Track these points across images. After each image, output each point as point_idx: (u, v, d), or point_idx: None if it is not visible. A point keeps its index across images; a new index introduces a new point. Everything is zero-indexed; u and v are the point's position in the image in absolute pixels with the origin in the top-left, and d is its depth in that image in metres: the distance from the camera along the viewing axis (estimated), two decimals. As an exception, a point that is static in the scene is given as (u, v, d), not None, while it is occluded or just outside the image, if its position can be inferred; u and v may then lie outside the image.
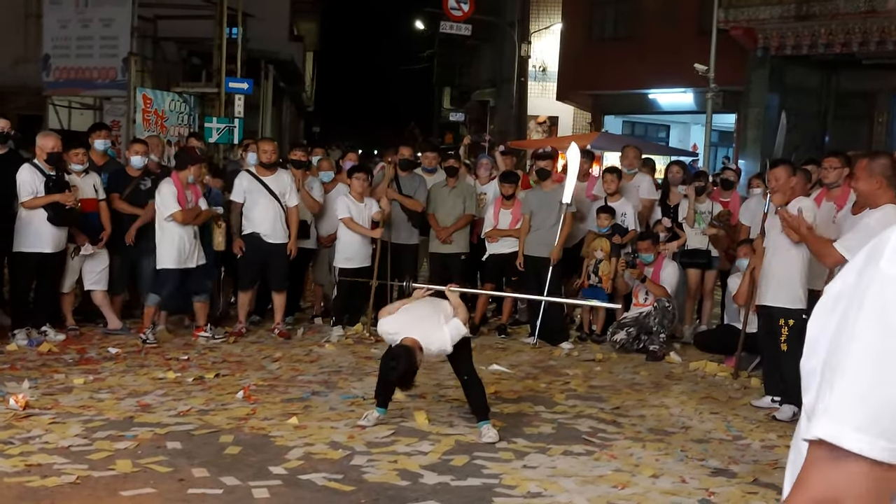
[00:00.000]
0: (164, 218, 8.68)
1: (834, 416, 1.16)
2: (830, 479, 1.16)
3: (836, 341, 1.21)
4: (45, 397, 6.59)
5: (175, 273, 8.73)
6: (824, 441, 1.16)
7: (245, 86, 20.86)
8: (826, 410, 1.17)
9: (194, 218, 8.82)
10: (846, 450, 1.13)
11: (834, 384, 1.17)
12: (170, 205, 8.64)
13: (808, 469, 1.20)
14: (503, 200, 9.97)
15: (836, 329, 1.22)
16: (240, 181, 9.46)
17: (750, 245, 8.53)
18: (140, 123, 19.26)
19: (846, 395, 1.16)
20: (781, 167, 7.13)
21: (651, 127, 28.62)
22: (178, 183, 8.73)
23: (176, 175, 8.81)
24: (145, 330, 8.75)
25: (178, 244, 8.69)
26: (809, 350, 1.31)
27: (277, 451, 5.61)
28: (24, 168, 8.42)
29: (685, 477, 5.44)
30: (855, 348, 1.16)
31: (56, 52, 21.40)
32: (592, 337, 9.92)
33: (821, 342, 1.26)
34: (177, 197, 8.67)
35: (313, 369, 8.03)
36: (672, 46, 21.53)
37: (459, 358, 6.22)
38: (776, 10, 17.84)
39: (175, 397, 6.80)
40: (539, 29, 31.63)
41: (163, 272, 8.76)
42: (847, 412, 1.15)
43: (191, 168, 8.83)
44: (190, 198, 8.81)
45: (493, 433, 6.04)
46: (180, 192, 8.70)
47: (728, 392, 7.86)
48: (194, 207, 8.84)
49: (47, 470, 5.05)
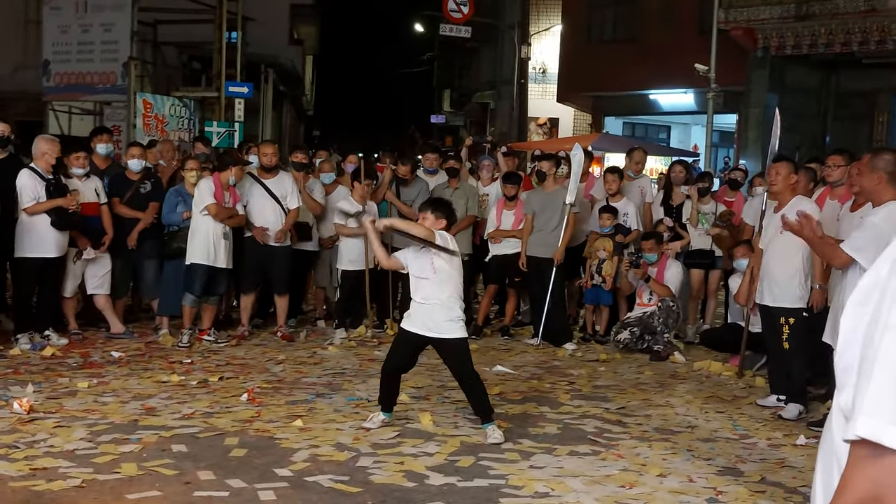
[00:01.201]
0: (199, 211, 8.75)
1: (871, 413, 1.15)
2: (872, 476, 1.15)
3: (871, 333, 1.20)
4: (49, 401, 6.58)
5: (204, 269, 8.78)
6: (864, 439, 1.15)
7: (245, 90, 20.88)
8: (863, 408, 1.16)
9: (228, 217, 8.87)
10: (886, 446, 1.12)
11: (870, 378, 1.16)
12: (206, 199, 8.73)
13: (850, 469, 1.19)
14: (506, 201, 9.96)
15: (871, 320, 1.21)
16: (241, 184, 9.46)
17: (747, 245, 8.52)
18: (140, 128, 19.26)
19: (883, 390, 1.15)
20: (783, 163, 7.12)
21: (652, 128, 28.63)
22: (217, 181, 8.83)
23: (217, 175, 8.88)
24: (184, 330, 8.84)
25: (209, 240, 8.77)
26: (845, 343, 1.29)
27: (283, 453, 5.60)
28: (23, 173, 8.40)
29: (692, 476, 5.42)
30: (888, 339, 1.15)
31: (56, 57, 21.40)
32: (596, 337, 9.91)
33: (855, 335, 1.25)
34: (213, 193, 8.74)
35: (317, 371, 8.01)
36: (672, 47, 21.54)
37: (457, 360, 6.18)
38: (776, 10, 17.85)
39: (179, 400, 6.78)
40: (539, 31, 31.63)
41: (192, 267, 8.81)
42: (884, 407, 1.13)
43: (232, 169, 8.91)
44: (228, 199, 8.90)
45: (498, 434, 6.02)
46: (218, 189, 8.81)
47: (733, 391, 7.84)
48: (231, 207, 8.92)
49: (52, 474, 5.03)
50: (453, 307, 6.04)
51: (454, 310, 6.04)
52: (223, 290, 9.36)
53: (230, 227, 9.00)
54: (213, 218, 8.75)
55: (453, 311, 6.04)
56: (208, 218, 8.75)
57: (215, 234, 8.81)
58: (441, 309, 5.99)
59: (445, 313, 6.00)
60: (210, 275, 8.86)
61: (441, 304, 6.00)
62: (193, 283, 8.85)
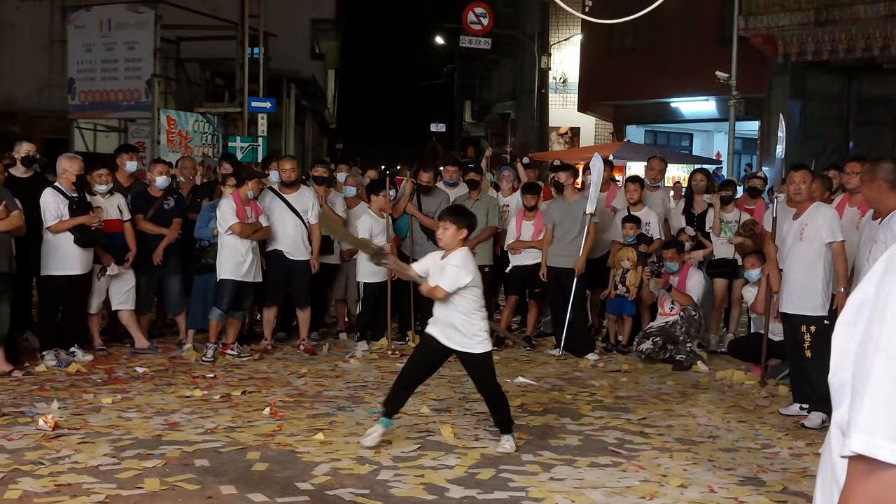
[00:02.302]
0: (223, 232, 8.85)
1: (866, 429, 1.16)
2: (870, 492, 1.16)
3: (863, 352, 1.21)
4: (74, 417, 6.65)
5: (234, 284, 8.89)
6: (861, 455, 1.16)
7: (267, 105, 21.00)
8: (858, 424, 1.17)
9: (254, 232, 8.97)
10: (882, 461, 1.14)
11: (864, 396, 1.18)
12: (229, 219, 8.83)
13: (848, 485, 1.21)
14: (525, 212, 9.97)
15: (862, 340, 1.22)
16: (262, 199, 9.53)
17: (757, 255, 8.47)
18: (164, 144, 19.43)
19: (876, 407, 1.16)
20: (803, 171, 7.10)
21: (674, 136, 28.56)
22: (237, 199, 8.91)
23: (236, 192, 8.97)
24: (209, 344, 8.92)
25: (237, 257, 8.88)
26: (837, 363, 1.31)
27: (304, 466, 5.63)
28: (46, 192, 8.51)
29: (713, 486, 5.41)
30: (880, 359, 1.17)
31: (81, 75, 21.64)
32: (618, 347, 9.89)
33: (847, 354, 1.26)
34: (236, 212, 8.85)
35: (339, 385, 8.05)
36: (693, 55, 21.50)
37: (481, 375, 6.16)
38: (796, 16, 17.77)
39: (202, 415, 6.84)
40: (559, 41, 31.67)
41: (222, 283, 8.91)
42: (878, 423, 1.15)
43: (248, 184, 9.00)
44: (250, 213, 8.98)
45: (510, 445, 6.03)
46: (239, 207, 8.89)
47: (756, 400, 7.81)
48: (254, 222, 9.01)
49: (77, 490, 5.09)
50: (475, 321, 5.99)
51: (475, 323, 5.99)
52: (249, 304, 9.44)
53: (256, 240, 9.07)
54: (238, 236, 8.84)
55: (475, 325, 5.98)
56: (233, 235, 8.85)
57: (243, 249, 8.90)
58: (462, 322, 5.94)
59: (466, 327, 5.95)
60: (238, 290, 8.95)
61: (464, 316, 5.94)
62: (223, 299, 8.94)
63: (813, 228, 6.99)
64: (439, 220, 6.15)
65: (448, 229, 5.98)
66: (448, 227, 5.99)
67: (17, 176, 8.71)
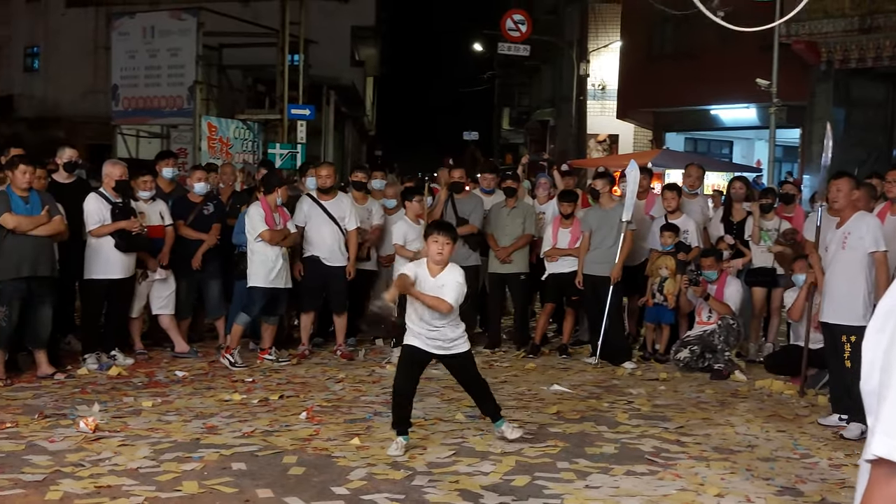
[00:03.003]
0: (253, 239, 8.90)
1: (888, 432, 1.16)
2: (888, 495, 1.16)
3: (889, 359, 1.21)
4: (114, 420, 6.73)
5: (264, 292, 8.93)
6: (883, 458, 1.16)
7: (307, 112, 21.12)
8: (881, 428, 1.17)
9: (283, 239, 9.01)
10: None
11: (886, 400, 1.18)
12: (258, 226, 8.88)
13: (870, 488, 1.21)
14: (562, 219, 9.95)
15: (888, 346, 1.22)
16: (300, 205, 9.61)
17: (806, 260, 8.40)
18: (206, 151, 19.61)
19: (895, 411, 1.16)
20: (844, 179, 7.03)
21: (714, 143, 28.32)
22: (265, 206, 8.96)
23: (264, 198, 9.02)
24: (232, 351, 8.92)
25: (268, 264, 8.91)
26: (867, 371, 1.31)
27: (340, 471, 5.66)
28: (90, 197, 8.66)
29: (751, 496, 5.37)
30: None
31: (124, 82, 21.93)
32: (656, 356, 9.83)
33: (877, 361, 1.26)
34: (265, 219, 8.89)
35: (375, 390, 8.08)
36: (733, 62, 21.31)
37: (466, 370, 6.51)
38: (839, 23, 17.59)
39: (241, 419, 6.90)
40: (598, 47, 31.57)
41: (253, 290, 8.96)
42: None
43: (278, 190, 9.04)
44: (278, 220, 9.03)
45: (514, 429, 6.44)
46: (268, 214, 8.94)
47: (795, 410, 7.73)
48: (283, 229, 9.06)
49: (116, 491, 5.15)
50: (457, 325, 6.36)
51: (458, 327, 6.37)
52: (283, 309, 9.49)
53: (286, 246, 9.13)
54: (268, 243, 8.91)
55: (458, 329, 6.35)
56: (263, 243, 8.91)
57: (273, 256, 8.95)
58: (449, 329, 6.28)
59: (453, 332, 6.30)
60: (270, 296, 9.01)
61: (450, 324, 6.29)
62: (252, 306, 9.00)
63: (856, 237, 6.93)
64: (433, 238, 6.28)
65: (448, 244, 6.24)
66: (448, 243, 6.25)
67: (59, 181, 8.85)
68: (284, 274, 9.09)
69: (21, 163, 7.87)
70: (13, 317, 7.80)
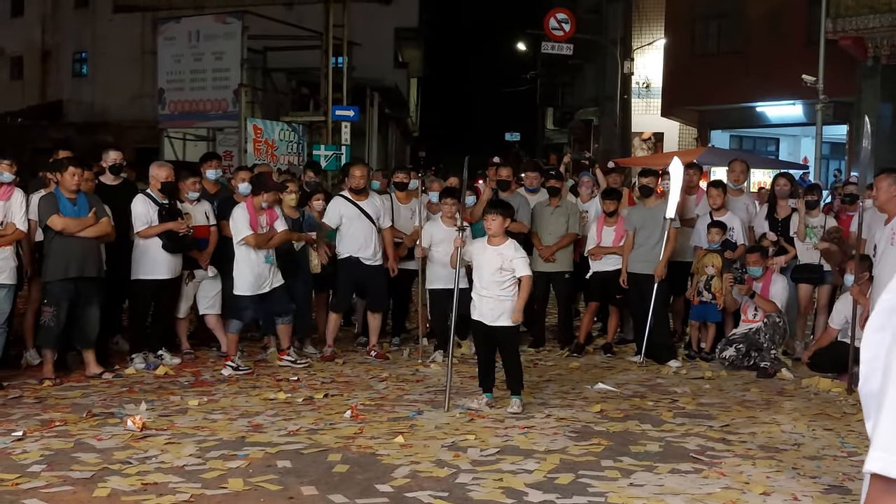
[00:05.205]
0: (236, 242, 8.74)
1: (885, 447, 1.13)
2: None
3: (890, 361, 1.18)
4: (161, 419, 6.82)
5: (252, 299, 8.79)
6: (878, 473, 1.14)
7: (351, 113, 21.22)
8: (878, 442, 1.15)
9: (267, 241, 8.80)
10: None
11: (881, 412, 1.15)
12: (241, 229, 8.66)
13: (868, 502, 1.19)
14: (605, 218, 9.90)
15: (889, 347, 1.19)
16: (335, 204, 9.59)
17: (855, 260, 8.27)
18: (251, 153, 19.77)
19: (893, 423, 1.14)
20: (883, 175, 6.94)
21: (760, 140, 28.05)
22: (251, 208, 8.75)
23: (250, 200, 8.84)
24: (232, 358, 8.76)
25: (253, 270, 8.71)
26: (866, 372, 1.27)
27: (384, 469, 5.68)
28: (137, 199, 8.77)
29: (797, 494, 5.31)
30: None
31: (170, 85, 22.18)
32: (701, 355, 9.74)
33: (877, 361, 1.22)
34: (249, 221, 8.68)
35: (419, 389, 8.11)
36: (778, 58, 21.11)
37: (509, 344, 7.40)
38: (886, 17, 17.33)
39: (285, 417, 6.95)
40: (642, 45, 31.39)
41: (239, 299, 8.82)
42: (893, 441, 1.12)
43: (263, 195, 8.80)
44: (263, 222, 8.82)
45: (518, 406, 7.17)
46: (253, 216, 8.70)
47: (842, 408, 7.63)
48: (268, 231, 8.82)
49: (163, 489, 5.22)
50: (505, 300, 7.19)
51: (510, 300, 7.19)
52: (290, 307, 9.15)
53: (272, 248, 8.89)
54: (253, 247, 8.71)
55: (505, 303, 7.18)
56: (247, 246, 8.70)
57: (257, 261, 8.73)
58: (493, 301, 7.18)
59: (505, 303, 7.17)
60: (260, 300, 8.85)
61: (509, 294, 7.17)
62: (242, 312, 8.86)
63: (905, 232, 6.83)
64: (486, 213, 7.38)
65: (496, 219, 7.22)
66: (496, 218, 7.23)
67: (106, 183, 8.97)
68: (272, 276, 8.86)
69: (70, 165, 7.99)
70: (61, 317, 7.93)
